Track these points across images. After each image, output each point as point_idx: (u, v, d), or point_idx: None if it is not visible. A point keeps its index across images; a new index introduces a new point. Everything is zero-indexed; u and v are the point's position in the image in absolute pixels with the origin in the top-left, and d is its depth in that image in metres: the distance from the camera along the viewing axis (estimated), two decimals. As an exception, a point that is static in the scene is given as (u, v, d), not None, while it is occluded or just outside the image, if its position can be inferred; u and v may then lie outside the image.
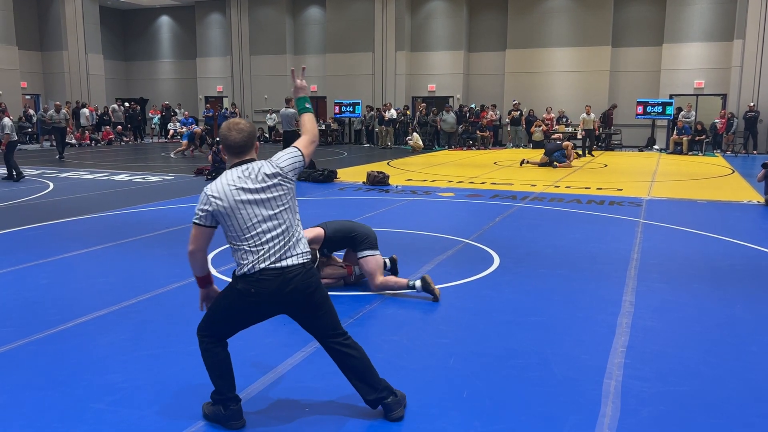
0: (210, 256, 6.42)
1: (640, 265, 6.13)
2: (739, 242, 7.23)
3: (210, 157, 13.93)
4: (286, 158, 3.04)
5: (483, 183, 12.59)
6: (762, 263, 6.34)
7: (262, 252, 2.92)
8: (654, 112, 22.05)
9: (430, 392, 3.44)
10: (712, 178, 13.79)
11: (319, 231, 5.25)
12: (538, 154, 17.05)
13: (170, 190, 11.45)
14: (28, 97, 26.34)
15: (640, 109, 22.10)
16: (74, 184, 12.39)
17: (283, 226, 2.97)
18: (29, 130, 23.49)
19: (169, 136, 26.96)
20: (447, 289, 5.35)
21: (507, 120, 23.99)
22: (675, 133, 21.10)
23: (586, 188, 11.84)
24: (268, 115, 26.71)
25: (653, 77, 23.31)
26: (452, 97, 25.55)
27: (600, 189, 11.73)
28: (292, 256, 2.97)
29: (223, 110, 27.51)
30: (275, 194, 2.96)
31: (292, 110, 13.40)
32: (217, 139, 19.03)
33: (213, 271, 5.87)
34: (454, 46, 25.38)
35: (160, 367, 3.74)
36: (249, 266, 2.93)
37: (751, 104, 20.74)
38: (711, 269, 6.08)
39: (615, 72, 23.88)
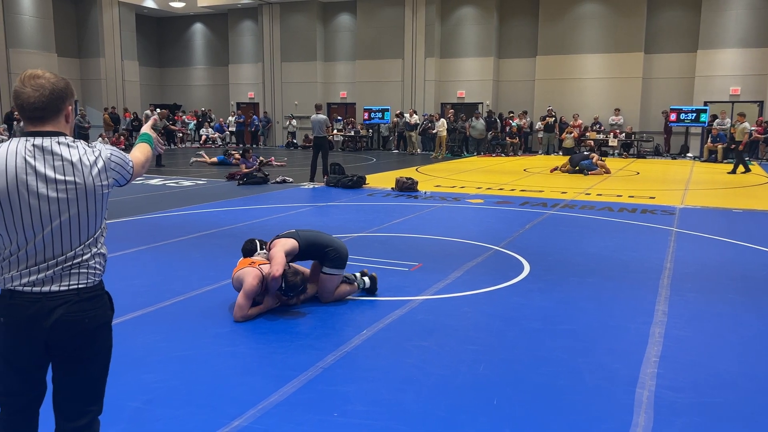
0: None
1: (674, 275, 6.05)
2: (776, 252, 7.08)
3: (243, 166, 14.12)
4: (117, 158, 2.20)
5: (512, 190, 12.53)
6: (800, 274, 6.19)
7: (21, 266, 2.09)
8: (687, 119, 21.70)
9: (459, 398, 3.44)
10: (748, 187, 13.51)
11: (293, 244, 4.79)
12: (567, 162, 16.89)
13: (203, 195, 11.64)
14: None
15: (673, 116, 21.76)
16: (110, 187, 12.65)
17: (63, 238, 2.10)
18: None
19: (201, 142, 27.38)
20: (477, 296, 5.35)
21: (540, 126, 23.81)
22: (709, 140, 20.73)
23: (618, 196, 11.70)
24: (288, 121, 27.16)
25: (687, 84, 22.93)
26: (481, 103, 25.47)
27: (632, 197, 11.58)
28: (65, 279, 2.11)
29: (254, 117, 27.82)
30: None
31: (323, 116, 13.54)
32: (248, 145, 19.25)
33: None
34: (484, 53, 25.31)
35: (195, 367, 3.81)
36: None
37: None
38: (746, 279, 5.96)
39: (647, 79, 23.54)
